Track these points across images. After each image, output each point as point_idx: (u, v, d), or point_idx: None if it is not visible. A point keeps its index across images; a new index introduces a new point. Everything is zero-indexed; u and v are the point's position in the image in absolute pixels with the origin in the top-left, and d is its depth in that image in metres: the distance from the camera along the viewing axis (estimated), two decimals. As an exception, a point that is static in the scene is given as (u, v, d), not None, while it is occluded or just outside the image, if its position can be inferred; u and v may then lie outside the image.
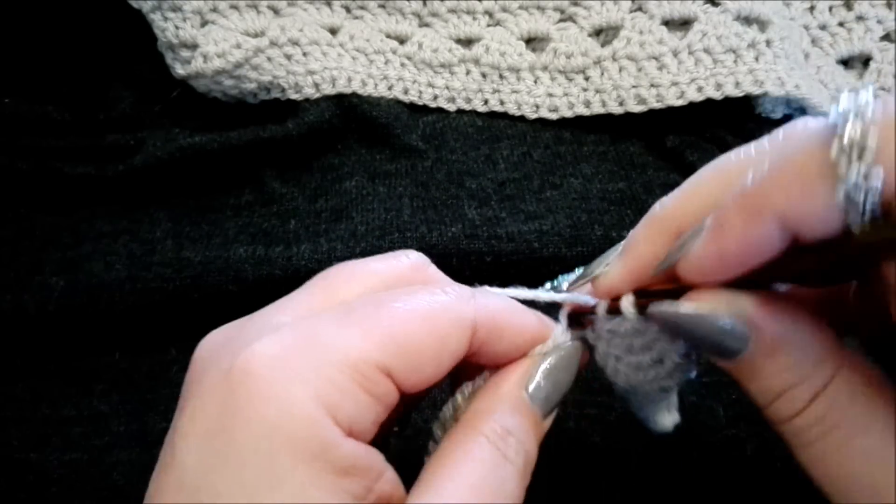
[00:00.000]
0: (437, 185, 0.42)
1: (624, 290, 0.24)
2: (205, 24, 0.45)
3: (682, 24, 0.45)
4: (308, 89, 0.45)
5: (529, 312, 0.25)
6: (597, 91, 0.45)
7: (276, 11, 0.46)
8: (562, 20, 0.47)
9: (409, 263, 0.25)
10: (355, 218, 0.41)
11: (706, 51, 0.43)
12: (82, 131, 0.45)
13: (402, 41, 0.47)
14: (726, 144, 0.44)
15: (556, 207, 0.41)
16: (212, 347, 0.22)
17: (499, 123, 0.46)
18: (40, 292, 0.38)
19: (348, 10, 0.48)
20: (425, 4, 0.47)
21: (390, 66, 0.47)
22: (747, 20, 0.44)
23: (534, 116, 0.46)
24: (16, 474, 0.34)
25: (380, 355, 0.21)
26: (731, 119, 0.45)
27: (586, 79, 0.45)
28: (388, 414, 0.22)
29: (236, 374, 0.20)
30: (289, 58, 0.45)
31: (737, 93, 0.43)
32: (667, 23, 0.45)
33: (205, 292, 0.38)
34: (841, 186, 0.17)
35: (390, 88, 0.46)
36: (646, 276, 0.23)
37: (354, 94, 0.45)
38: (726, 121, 0.45)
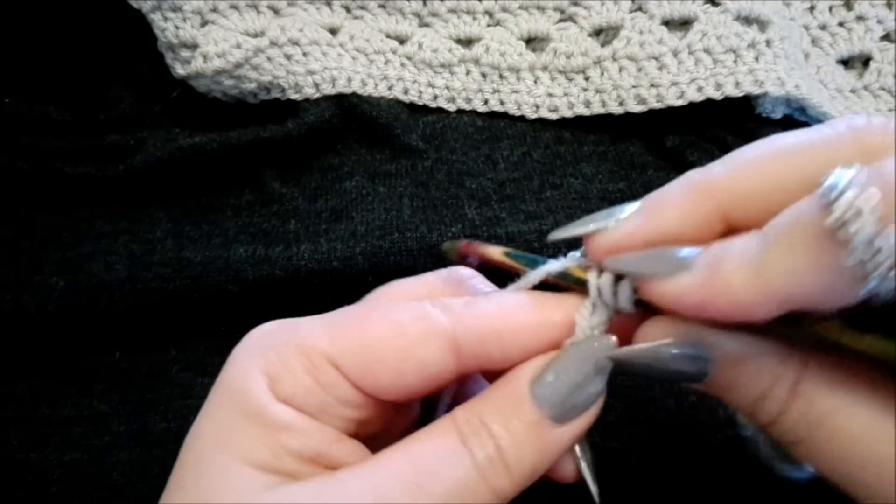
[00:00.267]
0: (437, 185, 0.42)
1: (629, 249, 0.22)
2: (205, 24, 0.45)
3: (682, 24, 0.45)
4: (308, 89, 0.45)
5: (541, 304, 0.24)
6: (597, 91, 0.45)
7: (276, 11, 0.46)
8: (562, 20, 0.47)
9: (444, 277, 0.27)
10: (355, 218, 0.41)
11: (706, 51, 0.43)
12: (82, 131, 0.45)
13: (402, 41, 0.47)
14: (726, 144, 0.44)
15: (556, 207, 0.41)
16: None
17: (499, 123, 0.46)
18: (40, 292, 0.38)
19: (348, 10, 0.48)
20: (425, 4, 0.47)
21: (390, 66, 0.46)
22: (747, 20, 0.44)
23: (534, 116, 0.46)
24: (16, 474, 0.34)
25: (329, 347, 0.22)
26: (731, 119, 0.45)
27: (586, 79, 0.45)
28: (367, 414, 0.23)
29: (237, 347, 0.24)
30: (289, 58, 0.45)
31: (737, 93, 0.43)
32: (667, 23, 0.45)
33: (205, 292, 0.38)
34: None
35: (390, 88, 0.46)
36: (662, 243, 0.22)
37: (354, 94, 0.45)
38: (726, 121, 0.45)
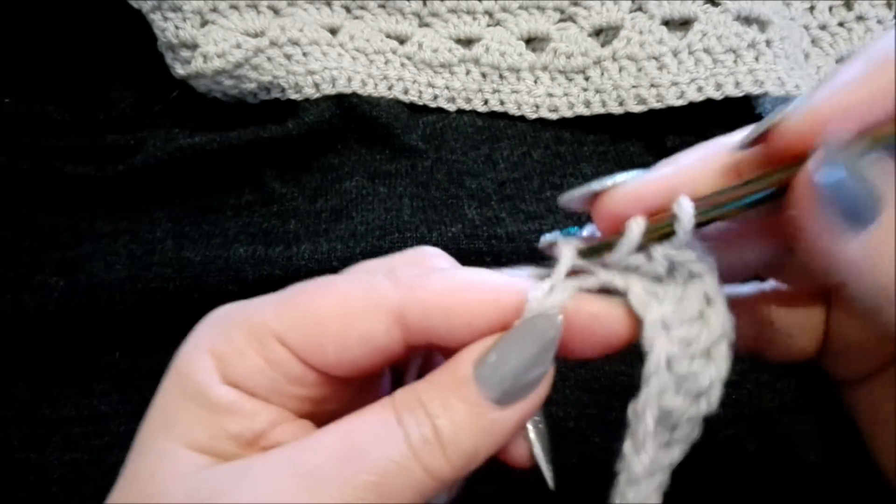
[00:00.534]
0: (437, 185, 0.42)
1: (682, 192, 0.21)
2: (205, 24, 0.45)
3: (682, 24, 0.45)
4: (308, 89, 0.45)
5: (494, 284, 0.22)
6: (597, 91, 0.45)
7: (276, 11, 0.46)
8: (562, 20, 0.47)
9: (409, 256, 0.26)
10: (355, 218, 0.41)
11: (706, 51, 0.43)
12: (82, 131, 0.45)
13: (402, 41, 0.47)
14: (726, 144, 0.44)
15: (556, 207, 0.41)
16: None
17: (499, 123, 0.46)
18: (40, 292, 0.38)
19: (348, 10, 0.48)
20: (425, 4, 0.47)
21: (390, 66, 0.46)
22: (747, 20, 0.44)
23: (534, 116, 0.46)
24: (16, 474, 0.34)
25: (276, 324, 0.22)
26: (731, 119, 0.45)
27: (586, 79, 0.45)
28: (320, 393, 0.23)
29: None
30: (289, 58, 0.45)
31: (737, 93, 0.43)
32: (667, 23, 0.45)
33: (205, 292, 0.38)
34: None
35: (390, 88, 0.46)
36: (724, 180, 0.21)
37: (354, 94, 0.45)
38: (726, 121, 0.45)
